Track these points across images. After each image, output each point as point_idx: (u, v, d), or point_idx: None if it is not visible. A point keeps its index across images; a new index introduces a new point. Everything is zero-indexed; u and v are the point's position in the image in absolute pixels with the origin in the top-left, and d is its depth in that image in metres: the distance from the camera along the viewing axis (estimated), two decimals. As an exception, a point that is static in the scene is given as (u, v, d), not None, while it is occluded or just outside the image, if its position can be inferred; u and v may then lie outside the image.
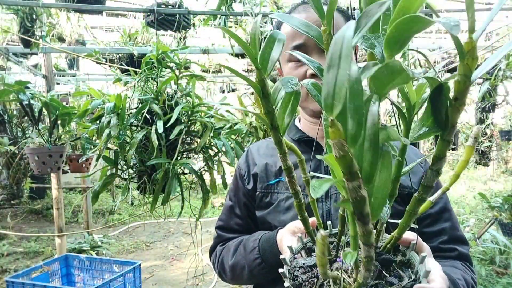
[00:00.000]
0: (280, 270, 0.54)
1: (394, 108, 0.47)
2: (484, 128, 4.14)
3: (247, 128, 2.10)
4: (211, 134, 1.68)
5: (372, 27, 0.40)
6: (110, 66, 3.31)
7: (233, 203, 0.99)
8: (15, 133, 2.57)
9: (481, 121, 4.12)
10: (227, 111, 1.84)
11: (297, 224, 0.71)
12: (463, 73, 0.38)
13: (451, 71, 5.05)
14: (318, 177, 0.54)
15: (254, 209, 0.95)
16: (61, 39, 4.07)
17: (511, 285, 3.13)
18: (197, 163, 1.80)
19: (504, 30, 4.14)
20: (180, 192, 1.72)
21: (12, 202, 2.73)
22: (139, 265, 2.48)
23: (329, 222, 0.63)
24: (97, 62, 3.00)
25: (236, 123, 1.84)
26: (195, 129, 1.78)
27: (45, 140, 2.16)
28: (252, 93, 2.76)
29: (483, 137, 4.19)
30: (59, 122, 2.15)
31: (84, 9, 2.76)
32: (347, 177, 0.34)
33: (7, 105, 2.55)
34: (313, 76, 0.82)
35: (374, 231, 0.43)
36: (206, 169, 1.78)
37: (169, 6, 2.66)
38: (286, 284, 0.51)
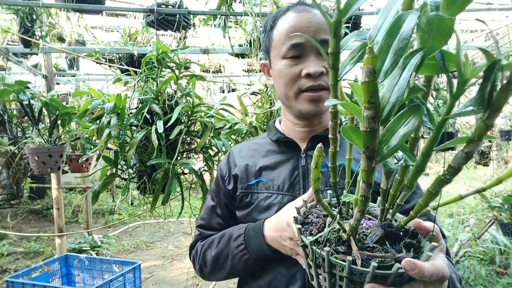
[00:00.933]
0: (294, 215, 0.58)
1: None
2: (484, 128, 4.14)
3: (247, 128, 2.10)
4: (211, 134, 1.68)
5: None
6: (110, 66, 3.32)
7: (215, 203, 1.00)
8: (15, 133, 2.56)
9: (481, 121, 4.12)
10: (227, 111, 1.84)
11: (297, 200, 0.75)
12: None
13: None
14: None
15: (235, 209, 0.96)
16: (61, 39, 4.07)
17: (511, 285, 3.13)
18: (197, 163, 1.80)
19: (504, 30, 4.14)
20: (180, 192, 1.72)
21: (12, 202, 2.73)
22: (139, 265, 2.48)
23: (329, 191, 0.66)
24: (97, 62, 3.00)
25: (236, 123, 1.84)
26: (195, 129, 1.78)
27: (45, 140, 2.16)
28: (252, 93, 2.76)
29: (483, 137, 4.18)
30: (59, 122, 2.15)
31: (84, 9, 2.76)
32: (365, 105, 0.36)
33: (7, 105, 2.55)
34: (308, 76, 0.82)
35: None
36: (206, 169, 1.78)
37: (169, 6, 2.66)
38: (297, 225, 0.55)
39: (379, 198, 0.57)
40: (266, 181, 0.90)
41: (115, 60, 3.29)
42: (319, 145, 0.52)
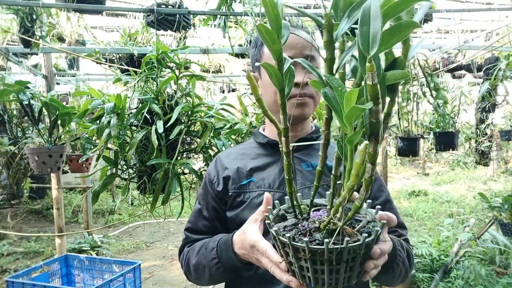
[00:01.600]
0: (274, 229, 0.62)
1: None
2: (484, 128, 4.14)
3: (247, 128, 2.10)
4: (211, 134, 1.68)
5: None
6: (110, 66, 3.31)
7: (201, 206, 1.06)
8: (15, 133, 2.56)
9: (481, 121, 4.12)
10: (227, 111, 1.84)
11: (256, 214, 0.78)
12: (404, 53, 0.55)
13: (451, 71, 5.05)
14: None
15: (223, 211, 1.02)
16: (61, 39, 4.07)
17: (511, 285, 3.13)
18: (197, 163, 1.80)
19: (504, 30, 4.14)
20: (180, 192, 1.72)
21: (12, 202, 2.73)
22: (139, 265, 2.48)
23: (276, 201, 0.74)
24: (97, 62, 3.00)
25: (236, 123, 1.84)
26: (195, 129, 1.78)
27: (45, 140, 2.16)
28: (252, 93, 2.76)
29: (483, 137, 4.18)
30: (59, 122, 2.14)
31: (84, 9, 2.76)
32: (373, 101, 0.48)
33: (7, 105, 2.54)
34: (296, 84, 0.91)
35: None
36: (206, 169, 1.78)
37: (169, 6, 2.66)
38: (287, 235, 0.60)
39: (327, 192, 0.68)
40: (257, 181, 0.99)
41: (115, 60, 3.29)
42: (366, 142, 0.56)
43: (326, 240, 0.55)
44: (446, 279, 3.41)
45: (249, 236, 0.75)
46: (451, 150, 3.49)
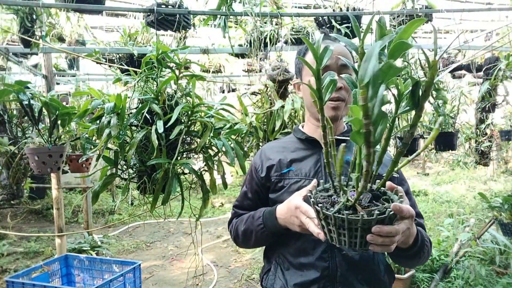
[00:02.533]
0: (311, 199, 0.85)
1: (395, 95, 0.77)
2: (484, 128, 4.14)
3: (247, 128, 2.10)
4: (211, 134, 1.68)
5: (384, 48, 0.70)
6: (110, 66, 3.31)
7: (247, 190, 1.30)
8: (15, 133, 2.56)
9: (481, 121, 4.12)
10: (227, 111, 1.84)
11: (301, 191, 1.00)
12: (430, 76, 0.69)
13: (451, 71, 5.05)
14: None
15: (263, 194, 1.26)
16: (61, 39, 4.07)
17: (511, 285, 3.13)
18: (197, 163, 1.80)
19: (504, 30, 4.14)
20: (180, 192, 1.72)
21: (12, 202, 2.72)
22: (139, 265, 2.48)
23: (321, 180, 0.97)
24: (97, 62, 3.00)
25: (236, 123, 1.84)
26: (195, 129, 1.78)
27: (45, 140, 2.16)
28: (252, 93, 2.76)
29: (483, 137, 4.18)
30: (59, 122, 2.14)
31: (84, 9, 2.76)
32: (364, 116, 0.66)
33: (7, 105, 2.54)
34: (339, 89, 1.14)
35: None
36: (206, 169, 1.78)
37: (169, 6, 2.66)
38: (312, 199, 0.84)
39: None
40: (295, 170, 1.20)
41: (115, 60, 3.28)
42: (344, 145, 0.81)
43: (376, 212, 0.74)
44: (446, 279, 3.42)
45: (294, 201, 0.99)
46: (451, 150, 3.49)
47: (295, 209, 0.97)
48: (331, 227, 0.79)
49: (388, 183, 0.85)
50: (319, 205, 0.79)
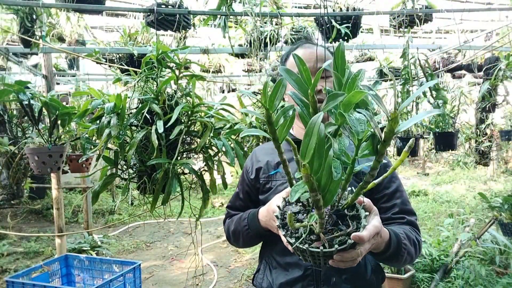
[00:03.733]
0: (275, 213, 0.86)
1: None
2: (484, 128, 4.14)
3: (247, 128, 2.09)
4: (211, 134, 1.68)
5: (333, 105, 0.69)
6: (110, 66, 3.31)
7: (239, 190, 1.36)
8: (15, 133, 2.56)
9: (481, 121, 4.12)
10: (227, 111, 1.84)
11: (283, 192, 0.99)
12: (389, 129, 0.65)
13: (451, 71, 5.05)
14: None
15: (254, 195, 1.30)
16: (61, 39, 4.07)
17: (511, 285, 3.13)
18: (197, 163, 1.80)
19: (504, 30, 4.14)
20: (180, 192, 1.71)
21: (12, 202, 2.72)
22: (139, 265, 2.48)
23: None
24: (97, 62, 3.00)
25: (236, 123, 1.84)
26: (195, 129, 1.77)
27: (45, 140, 2.16)
28: (252, 93, 2.76)
29: (483, 137, 4.18)
30: (59, 122, 2.14)
31: (84, 9, 2.76)
32: (310, 189, 0.67)
33: (7, 105, 2.54)
34: (319, 92, 1.13)
35: (324, 216, 0.75)
36: (206, 169, 1.78)
37: (169, 6, 2.66)
38: (277, 223, 0.83)
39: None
40: (282, 172, 1.21)
41: (115, 60, 3.28)
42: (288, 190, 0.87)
43: (336, 246, 0.74)
44: (446, 279, 3.42)
45: (272, 204, 1.03)
46: (450, 150, 3.49)
47: (272, 213, 0.99)
48: (296, 250, 0.80)
49: (358, 199, 0.85)
50: (285, 230, 0.80)
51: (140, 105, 1.63)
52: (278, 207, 0.87)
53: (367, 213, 0.82)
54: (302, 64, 0.77)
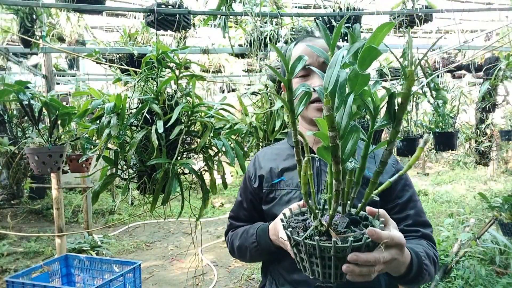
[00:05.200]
0: (280, 217, 0.81)
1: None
2: (484, 128, 4.14)
3: (247, 128, 2.10)
4: (211, 134, 1.68)
5: (353, 54, 0.64)
6: (110, 66, 3.31)
7: (242, 199, 1.24)
8: (15, 133, 2.56)
9: (481, 121, 4.12)
10: (227, 111, 1.84)
11: (292, 206, 0.89)
12: (406, 87, 0.63)
13: (451, 71, 5.05)
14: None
15: (259, 204, 1.19)
16: (61, 39, 4.07)
17: (511, 285, 3.13)
18: (197, 163, 1.80)
19: (504, 30, 4.14)
20: (180, 192, 1.72)
21: (12, 202, 2.72)
22: (139, 265, 2.48)
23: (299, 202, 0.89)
24: (97, 62, 3.00)
25: (236, 123, 1.84)
26: (195, 129, 1.78)
27: (45, 140, 2.16)
28: (252, 93, 2.76)
29: (483, 137, 4.18)
30: (59, 122, 2.14)
31: (84, 9, 2.76)
32: (330, 128, 0.60)
33: (7, 105, 2.54)
34: (314, 89, 1.03)
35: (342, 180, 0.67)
36: (206, 169, 1.78)
37: (169, 6, 2.66)
38: (283, 223, 0.76)
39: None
40: (287, 180, 1.13)
41: (115, 60, 3.28)
42: (307, 158, 0.70)
43: (350, 239, 0.66)
44: (446, 279, 3.41)
45: (278, 229, 0.94)
46: (450, 150, 3.49)
47: (278, 238, 0.93)
48: (302, 255, 0.70)
49: (368, 208, 0.78)
50: (290, 229, 0.71)
51: (140, 105, 1.63)
52: (284, 214, 0.81)
53: (382, 225, 0.74)
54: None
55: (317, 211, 0.76)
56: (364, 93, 0.63)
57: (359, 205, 0.75)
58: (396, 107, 0.64)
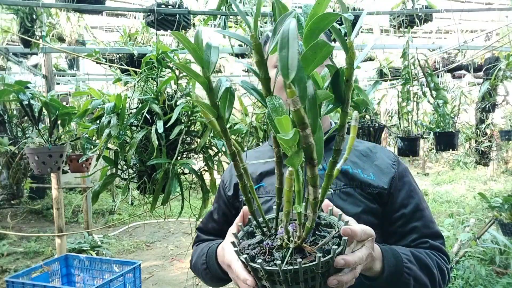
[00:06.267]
0: (234, 249, 0.61)
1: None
2: (484, 128, 4.14)
3: (247, 128, 2.10)
4: (211, 134, 1.68)
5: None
6: (110, 66, 3.31)
7: (214, 210, 1.07)
8: (15, 133, 2.56)
9: (481, 121, 4.12)
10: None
11: (233, 228, 0.75)
12: (348, 62, 0.54)
13: (451, 71, 5.05)
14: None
15: (232, 216, 0.99)
16: (61, 39, 4.07)
17: (511, 285, 3.13)
18: (197, 163, 1.80)
19: (504, 30, 4.14)
20: (180, 192, 1.72)
21: (12, 202, 2.72)
22: (139, 265, 2.48)
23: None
24: (97, 62, 3.00)
25: (236, 123, 1.84)
26: (195, 129, 1.78)
27: (45, 140, 2.16)
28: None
29: (483, 137, 4.18)
30: (59, 122, 2.14)
31: (84, 9, 2.76)
32: (300, 126, 0.47)
33: (7, 105, 2.54)
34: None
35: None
36: (206, 169, 1.78)
37: (169, 6, 2.66)
38: (243, 257, 0.58)
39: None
40: (266, 186, 0.96)
41: (115, 60, 3.28)
42: (290, 168, 0.54)
43: (278, 261, 0.55)
44: (446, 279, 3.41)
45: (226, 256, 0.74)
46: (451, 150, 3.49)
47: (228, 267, 0.75)
48: (278, 286, 0.58)
49: (325, 202, 0.67)
50: (257, 261, 0.56)
51: (140, 105, 1.64)
52: (233, 243, 0.63)
53: (346, 221, 0.65)
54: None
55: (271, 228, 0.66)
56: (313, 77, 0.55)
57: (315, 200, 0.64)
58: (343, 86, 0.57)
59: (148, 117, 1.65)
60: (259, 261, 0.56)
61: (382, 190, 0.90)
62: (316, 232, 0.63)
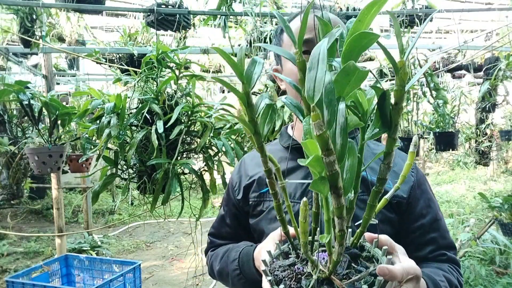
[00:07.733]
0: (262, 268, 0.59)
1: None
2: (484, 128, 4.14)
3: (247, 128, 2.09)
4: (211, 134, 1.68)
5: (330, 47, 0.48)
6: (110, 66, 3.31)
7: (224, 213, 1.04)
8: (15, 133, 2.56)
9: (481, 121, 4.12)
10: (227, 111, 1.84)
11: (278, 232, 0.71)
12: (399, 83, 0.48)
13: (451, 71, 5.05)
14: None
15: (245, 219, 0.99)
16: (61, 39, 4.07)
17: (511, 285, 3.13)
18: (197, 163, 1.80)
19: (504, 30, 4.14)
20: (180, 192, 1.72)
21: (12, 202, 2.72)
22: (139, 265, 2.48)
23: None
24: (97, 62, 3.00)
25: (236, 123, 1.84)
26: (195, 129, 1.78)
27: (45, 140, 2.16)
28: (252, 93, 2.76)
29: (483, 137, 4.18)
30: (59, 122, 2.14)
31: (84, 9, 2.76)
32: (324, 152, 0.43)
33: (7, 105, 2.54)
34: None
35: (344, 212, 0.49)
36: (206, 169, 1.78)
37: (169, 6, 2.66)
38: (268, 278, 0.57)
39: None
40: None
41: (115, 60, 3.28)
42: (304, 199, 0.51)
43: (364, 286, 0.52)
44: (446, 279, 3.41)
45: (262, 250, 0.72)
46: (451, 150, 3.49)
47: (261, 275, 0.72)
48: None
49: (367, 234, 0.62)
50: (280, 286, 0.56)
51: (140, 105, 1.63)
52: (264, 261, 0.61)
53: (390, 257, 0.58)
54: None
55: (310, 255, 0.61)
56: (352, 96, 0.52)
57: (357, 231, 0.60)
58: (390, 109, 0.51)
59: (148, 117, 1.65)
60: (281, 286, 0.55)
61: (401, 199, 0.87)
62: (353, 264, 0.58)
